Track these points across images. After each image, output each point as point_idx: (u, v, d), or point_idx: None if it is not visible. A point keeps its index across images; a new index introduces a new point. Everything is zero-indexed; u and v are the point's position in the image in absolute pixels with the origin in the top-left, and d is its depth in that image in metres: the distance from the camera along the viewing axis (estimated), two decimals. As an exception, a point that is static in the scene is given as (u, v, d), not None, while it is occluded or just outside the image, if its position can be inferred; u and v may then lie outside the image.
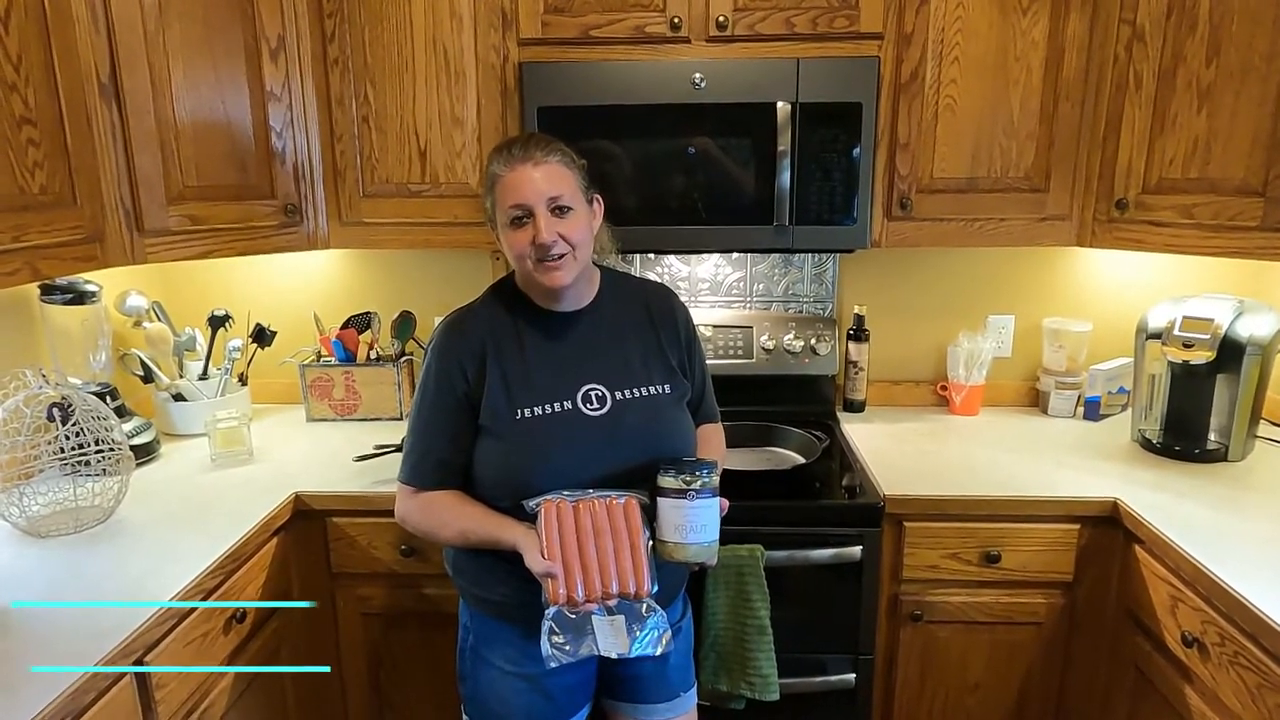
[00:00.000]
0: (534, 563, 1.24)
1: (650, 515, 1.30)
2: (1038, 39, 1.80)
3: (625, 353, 1.41)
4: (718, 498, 1.30)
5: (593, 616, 1.25)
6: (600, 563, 1.25)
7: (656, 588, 1.28)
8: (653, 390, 1.39)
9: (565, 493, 1.29)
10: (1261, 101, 1.60)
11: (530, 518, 1.29)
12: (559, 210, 1.30)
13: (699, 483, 1.27)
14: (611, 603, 1.26)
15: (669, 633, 1.28)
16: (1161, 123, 1.74)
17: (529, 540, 1.26)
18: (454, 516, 1.35)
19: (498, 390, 1.34)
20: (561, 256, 1.30)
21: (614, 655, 1.26)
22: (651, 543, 1.29)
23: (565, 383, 1.36)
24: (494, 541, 1.31)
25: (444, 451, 1.37)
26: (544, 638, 1.23)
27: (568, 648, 1.24)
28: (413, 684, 1.86)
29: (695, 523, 1.27)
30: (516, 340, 1.38)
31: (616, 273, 1.50)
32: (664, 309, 1.48)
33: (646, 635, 1.27)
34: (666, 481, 1.28)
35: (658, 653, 1.27)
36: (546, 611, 1.24)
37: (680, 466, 1.29)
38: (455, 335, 1.39)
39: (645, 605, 1.27)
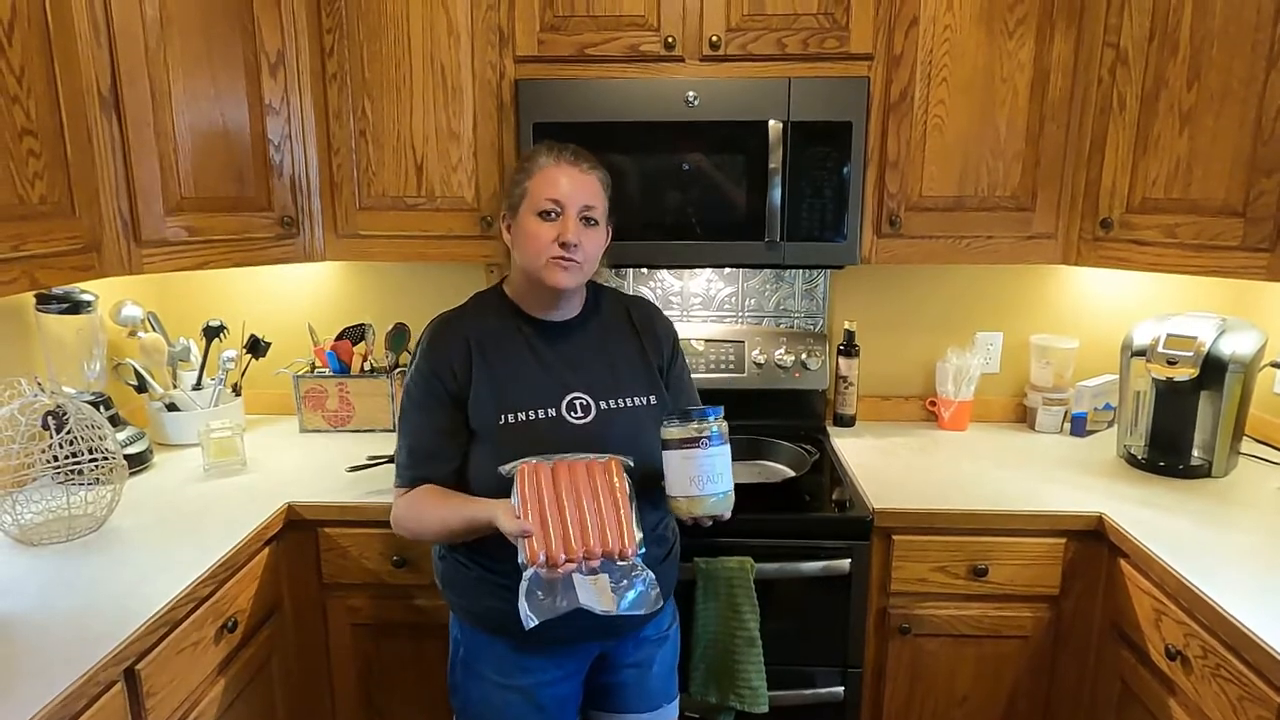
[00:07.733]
0: (507, 524, 1.19)
1: (634, 476, 1.25)
2: (1024, 61, 1.84)
3: (610, 362, 1.43)
4: (728, 444, 1.23)
5: (574, 576, 1.16)
6: (580, 521, 1.17)
7: (644, 549, 1.21)
8: (637, 401, 1.41)
9: (542, 457, 1.24)
10: (1241, 124, 1.64)
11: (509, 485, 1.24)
12: (587, 220, 1.35)
13: (710, 428, 1.19)
14: (595, 563, 1.17)
15: (658, 590, 1.22)
16: (1144, 144, 1.78)
17: (504, 506, 1.22)
18: (433, 509, 1.34)
19: (484, 394, 1.35)
20: (577, 261, 1.34)
21: (598, 610, 1.16)
22: (635, 511, 1.20)
23: (550, 390, 1.37)
24: (471, 521, 1.27)
25: (430, 445, 1.37)
26: (521, 599, 1.15)
27: (546, 602, 1.15)
28: (403, 695, 1.86)
29: (710, 472, 1.19)
30: (503, 345, 1.40)
31: (602, 287, 1.53)
32: (645, 316, 1.51)
33: (635, 594, 1.17)
34: (673, 432, 1.20)
35: (645, 611, 1.20)
36: (524, 574, 1.15)
37: (686, 415, 1.21)
38: (444, 336, 1.41)
39: (631, 565, 1.17)
